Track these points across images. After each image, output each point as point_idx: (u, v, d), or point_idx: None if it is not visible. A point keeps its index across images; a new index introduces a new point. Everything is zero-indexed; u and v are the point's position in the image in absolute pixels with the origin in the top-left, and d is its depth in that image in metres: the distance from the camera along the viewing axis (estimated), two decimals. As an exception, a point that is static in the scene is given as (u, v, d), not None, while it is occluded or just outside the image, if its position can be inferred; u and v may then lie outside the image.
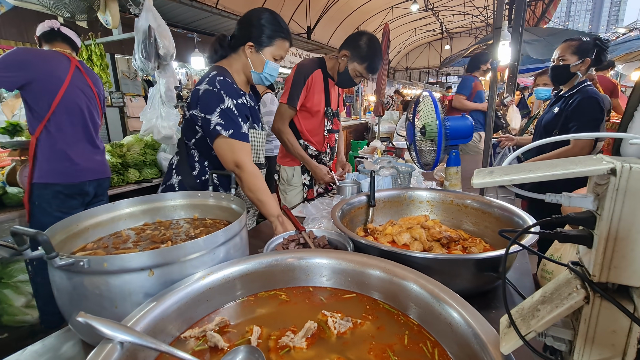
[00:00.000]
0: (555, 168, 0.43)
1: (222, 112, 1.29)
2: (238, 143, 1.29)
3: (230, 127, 1.29)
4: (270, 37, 1.36)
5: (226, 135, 1.28)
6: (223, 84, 1.31)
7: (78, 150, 2.03)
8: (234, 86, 1.36)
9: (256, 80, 1.44)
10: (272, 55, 1.39)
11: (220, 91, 1.30)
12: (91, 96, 2.13)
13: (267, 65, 1.39)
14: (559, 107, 2.10)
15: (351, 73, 1.89)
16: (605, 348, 0.43)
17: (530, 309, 0.51)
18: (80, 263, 0.68)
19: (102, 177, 2.16)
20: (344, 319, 0.70)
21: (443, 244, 1.19)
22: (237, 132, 1.30)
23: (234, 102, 1.32)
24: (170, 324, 0.67)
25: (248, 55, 1.38)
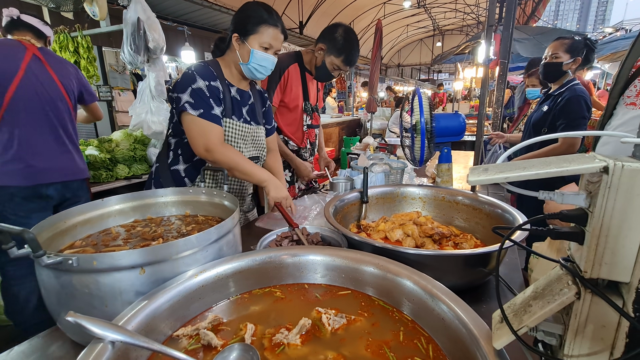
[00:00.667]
0: (549, 166, 0.43)
1: (192, 91, 1.27)
2: (208, 124, 1.26)
3: (200, 107, 1.26)
4: (254, 25, 1.32)
5: (195, 114, 1.25)
6: (198, 66, 1.32)
7: (36, 150, 1.81)
8: (210, 71, 1.33)
9: (247, 73, 1.40)
10: (258, 44, 1.33)
11: (194, 72, 1.29)
12: (55, 88, 1.89)
13: (254, 55, 1.33)
14: (547, 106, 2.14)
15: (329, 67, 1.87)
16: (594, 342, 0.44)
17: (522, 305, 0.51)
18: (68, 261, 0.66)
19: (69, 179, 1.92)
20: (338, 316, 0.70)
21: (435, 240, 1.20)
22: (207, 113, 1.27)
23: (206, 83, 1.29)
24: (163, 322, 0.66)
25: (236, 47, 1.36)
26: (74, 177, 1.96)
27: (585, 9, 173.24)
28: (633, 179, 0.37)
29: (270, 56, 1.36)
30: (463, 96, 11.41)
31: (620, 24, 30.85)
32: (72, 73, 2.02)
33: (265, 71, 1.40)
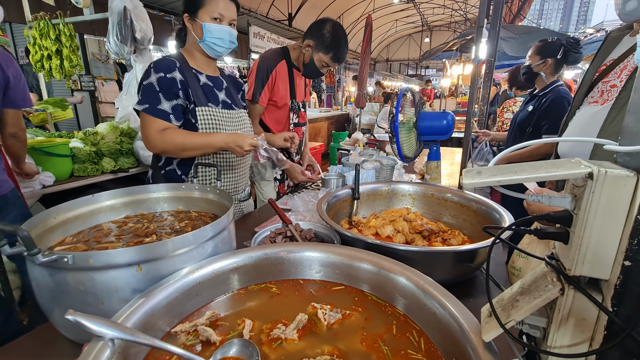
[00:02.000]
0: (538, 170, 0.46)
1: (143, 88, 1.27)
2: (149, 118, 1.25)
3: (146, 102, 1.25)
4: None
5: (140, 109, 1.25)
6: (157, 61, 1.29)
7: None
8: (171, 63, 1.30)
9: (208, 50, 1.36)
10: (209, 16, 1.29)
11: (151, 69, 1.27)
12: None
13: (207, 29, 1.29)
14: (532, 106, 2.21)
15: (317, 64, 1.85)
16: (575, 334, 0.47)
17: (509, 300, 0.54)
18: (64, 259, 0.65)
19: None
20: (333, 311, 0.73)
21: (424, 236, 1.24)
22: (152, 108, 1.25)
23: (160, 75, 1.26)
24: (161, 319, 0.67)
25: (190, 28, 1.33)
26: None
27: (568, 9, 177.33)
28: (615, 184, 0.40)
29: (225, 27, 1.32)
30: (450, 93, 11.58)
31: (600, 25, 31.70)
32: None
33: (224, 44, 1.35)
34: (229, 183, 1.52)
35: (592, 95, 1.54)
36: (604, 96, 1.46)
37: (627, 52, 1.40)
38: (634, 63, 1.37)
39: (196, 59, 1.40)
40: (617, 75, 1.43)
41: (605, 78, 1.49)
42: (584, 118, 1.55)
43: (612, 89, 1.43)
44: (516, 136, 2.31)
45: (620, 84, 1.40)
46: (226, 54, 1.44)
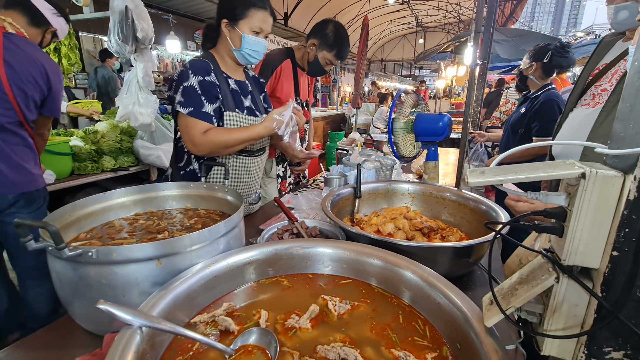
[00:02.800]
0: (537, 171, 0.51)
1: (183, 90, 1.27)
2: (192, 120, 1.27)
3: (190, 105, 1.26)
4: (243, 8, 1.29)
5: (184, 112, 1.26)
6: (193, 62, 1.30)
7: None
8: (207, 64, 1.32)
9: (240, 59, 1.39)
10: (249, 28, 1.31)
11: (188, 70, 1.28)
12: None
13: (245, 40, 1.31)
14: (525, 108, 2.28)
15: (321, 61, 1.94)
16: (569, 318, 0.53)
17: (509, 289, 0.59)
18: (88, 254, 0.69)
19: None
20: (342, 302, 0.77)
21: (424, 233, 1.29)
22: (197, 111, 1.27)
23: (199, 78, 1.28)
24: (181, 311, 0.71)
25: (227, 34, 1.34)
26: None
27: (559, 12, 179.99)
28: (604, 184, 0.45)
29: (262, 40, 1.36)
30: (444, 94, 11.72)
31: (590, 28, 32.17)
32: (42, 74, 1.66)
33: (258, 56, 1.39)
34: (244, 186, 1.54)
35: (585, 98, 1.60)
36: (595, 99, 1.53)
37: (618, 56, 1.47)
38: (624, 68, 1.43)
39: (226, 63, 1.42)
40: (608, 79, 1.49)
41: (598, 82, 1.55)
42: (576, 120, 1.61)
43: (603, 92, 1.49)
44: (509, 137, 2.38)
45: (610, 88, 1.46)
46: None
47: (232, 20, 1.31)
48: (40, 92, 1.68)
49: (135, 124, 2.43)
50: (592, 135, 1.44)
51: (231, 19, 1.31)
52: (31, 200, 1.75)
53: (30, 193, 1.74)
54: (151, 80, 2.43)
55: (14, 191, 1.68)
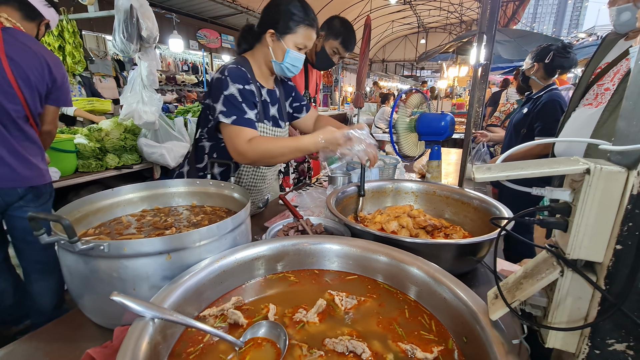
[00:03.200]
0: (542, 167, 0.52)
1: (224, 99, 1.24)
2: (237, 129, 1.23)
3: (233, 114, 1.23)
4: (293, 24, 1.27)
5: (228, 122, 1.23)
6: (231, 70, 1.27)
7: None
8: (244, 73, 1.30)
9: (278, 71, 1.37)
10: (294, 44, 1.29)
11: (227, 78, 1.25)
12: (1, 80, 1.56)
13: (289, 55, 1.30)
14: (527, 108, 2.29)
15: (328, 51, 1.98)
16: (573, 311, 0.54)
17: (514, 283, 0.61)
18: (100, 247, 0.70)
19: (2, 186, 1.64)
20: (349, 297, 0.78)
21: (428, 231, 1.30)
22: (240, 118, 1.24)
23: (239, 87, 1.26)
24: (190, 304, 0.72)
25: (269, 43, 1.31)
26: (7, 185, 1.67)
27: (561, 14, 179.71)
28: (608, 179, 0.47)
29: (302, 56, 1.34)
30: (445, 94, 11.73)
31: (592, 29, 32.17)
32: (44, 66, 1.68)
33: (295, 70, 1.37)
34: (257, 193, 1.54)
35: (587, 98, 1.61)
36: (598, 99, 1.54)
37: (620, 55, 1.48)
38: (626, 67, 1.44)
39: (261, 71, 1.40)
40: (611, 78, 1.50)
41: (600, 81, 1.56)
42: (579, 119, 1.62)
43: (606, 92, 1.50)
44: (512, 137, 2.39)
45: (612, 87, 1.47)
46: None
47: (279, 32, 1.28)
48: (44, 83, 1.70)
49: (139, 122, 2.45)
50: (595, 134, 1.45)
51: (279, 31, 1.28)
52: (39, 195, 1.78)
53: (39, 187, 1.76)
54: (155, 78, 2.45)
55: (23, 185, 1.70)
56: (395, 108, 1.82)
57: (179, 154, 2.86)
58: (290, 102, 1.61)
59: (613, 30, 1.66)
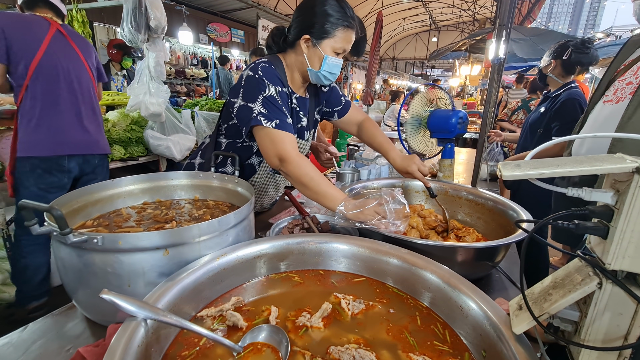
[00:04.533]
0: (582, 164, 0.46)
1: (264, 101, 1.12)
2: (282, 134, 1.10)
3: (275, 118, 1.11)
4: (331, 27, 1.13)
5: (270, 126, 1.10)
6: (265, 70, 1.16)
7: (58, 122, 1.89)
8: (278, 75, 1.19)
9: (314, 79, 1.23)
10: (332, 49, 1.15)
11: (262, 77, 1.14)
12: (79, 63, 1.97)
13: (326, 62, 1.16)
14: (545, 107, 2.20)
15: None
16: (610, 329, 0.48)
17: (541, 293, 0.55)
18: (94, 240, 0.66)
19: (87, 152, 1.97)
20: (356, 301, 0.73)
21: (438, 232, 1.24)
22: (283, 123, 1.12)
23: (278, 89, 1.15)
24: (187, 304, 0.68)
25: (304, 50, 1.18)
26: (92, 152, 2.00)
27: (577, 13, 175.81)
28: (663, 179, 0.40)
29: (340, 61, 1.20)
30: (457, 93, 11.54)
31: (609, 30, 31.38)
32: (92, 51, 2.13)
33: (333, 78, 1.23)
34: (267, 198, 1.49)
35: (607, 94, 1.53)
36: (618, 94, 1.46)
37: None
38: None
39: (294, 78, 1.27)
40: (634, 72, 1.42)
41: (622, 76, 1.48)
42: (600, 117, 1.54)
43: (627, 86, 1.42)
44: (527, 137, 2.30)
45: (636, 80, 1.39)
46: None
47: (315, 37, 1.15)
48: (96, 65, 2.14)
49: (146, 114, 2.42)
50: (621, 130, 1.37)
51: (314, 36, 1.15)
52: (105, 164, 2.10)
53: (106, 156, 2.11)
54: (163, 70, 2.41)
55: (99, 151, 2.04)
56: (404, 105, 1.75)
57: (185, 147, 2.83)
58: (320, 110, 1.47)
59: (638, 32, 1.57)
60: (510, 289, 1.01)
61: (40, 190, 1.83)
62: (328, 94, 1.46)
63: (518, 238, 0.90)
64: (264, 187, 1.43)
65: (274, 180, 1.44)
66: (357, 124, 1.53)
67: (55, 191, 1.89)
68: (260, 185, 1.42)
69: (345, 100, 1.50)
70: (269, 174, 1.40)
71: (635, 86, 1.37)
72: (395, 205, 0.99)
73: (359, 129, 1.52)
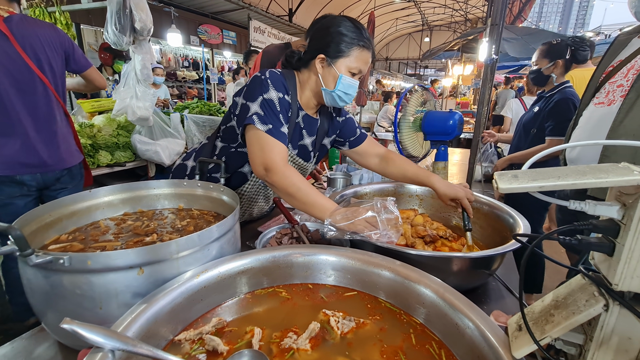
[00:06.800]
0: (585, 176, 0.42)
1: (263, 102, 1.07)
2: (272, 141, 1.05)
3: (269, 122, 1.06)
4: (346, 46, 1.10)
5: (262, 129, 1.05)
6: (272, 74, 1.13)
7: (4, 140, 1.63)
8: (285, 83, 1.15)
9: (329, 100, 1.18)
10: (347, 69, 1.12)
11: (267, 80, 1.10)
12: (23, 70, 1.62)
13: (341, 81, 1.12)
14: (538, 107, 2.18)
15: None
16: (618, 353, 0.44)
17: (542, 313, 0.51)
18: (59, 261, 0.61)
19: (41, 171, 1.73)
20: (346, 319, 0.69)
21: (426, 242, 1.19)
22: (276, 130, 1.07)
23: (279, 95, 1.11)
24: (164, 326, 0.63)
25: (319, 70, 1.14)
26: (48, 170, 1.76)
27: (566, 12, 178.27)
28: (676, 194, 0.37)
29: (356, 82, 1.16)
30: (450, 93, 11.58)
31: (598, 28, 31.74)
32: (50, 40, 1.73)
33: (348, 100, 1.18)
34: (257, 208, 1.43)
35: (598, 97, 1.52)
36: (609, 96, 1.45)
37: (635, 52, 1.39)
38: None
39: (304, 95, 1.22)
40: (624, 75, 1.41)
41: (612, 79, 1.48)
42: (591, 120, 1.53)
43: (618, 88, 1.42)
44: (521, 137, 2.28)
45: (627, 83, 1.38)
46: None
47: (330, 56, 1.12)
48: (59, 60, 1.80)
49: (133, 118, 2.36)
50: (613, 134, 1.36)
51: (329, 56, 1.12)
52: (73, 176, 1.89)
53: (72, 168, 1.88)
54: (149, 72, 2.35)
55: (61, 167, 1.81)
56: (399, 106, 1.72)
57: (175, 151, 2.77)
58: (332, 139, 1.41)
59: (624, 31, 1.56)
60: (508, 298, 0.98)
61: (2, 200, 1.67)
62: (342, 124, 1.39)
63: (515, 247, 0.87)
64: (253, 198, 1.37)
65: (265, 191, 1.38)
66: (378, 156, 1.41)
67: (21, 198, 1.73)
68: (250, 195, 1.36)
69: (361, 132, 1.43)
70: (261, 185, 1.34)
71: (627, 89, 1.36)
72: (387, 215, 0.95)
73: (383, 160, 1.39)
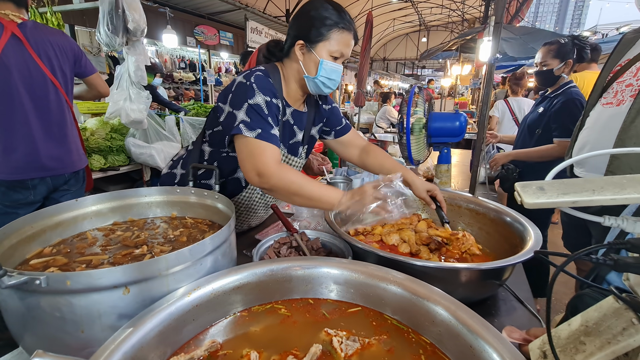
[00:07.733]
0: (625, 190, 0.37)
1: (249, 109, 1.03)
2: (262, 145, 1.01)
3: (258, 127, 1.02)
4: (325, 29, 1.07)
5: (251, 135, 1.01)
6: (258, 78, 1.08)
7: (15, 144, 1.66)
8: (272, 86, 1.11)
9: (313, 88, 1.15)
10: (328, 52, 1.09)
11: (253, 85, 1.06)
12: (38, 74, 1.68)
13: (322, 66, 1.09)
14: (543, 107, 2.14)
15: None
16: (662, 389, 0.39)
17: (570, 340, 0.46)
18: (35, 282, 0.55)
19: (51, 174, 1.77)
20: (350, 339, 0.64)
21: (431, 249, 1.14)
22: (266, 133, 1.02)
23: (267, 98, 1.06)
24: (151, 352, 0.57)
25: (299, 57, 1.12)
26: (59, 172, 1.81)
27: (562, 12, 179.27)
28: None
29: (339, 66, 1.13)
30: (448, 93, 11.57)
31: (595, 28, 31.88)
32: (61, 45, 1.78)
33: (333, 85, 1.16)
34: (255, 218, 1.38)
35: (606, 97, 1.49)
36: (618, 96, 1.42)
37: None
38: None
39: (290, 89, 1.20)
40: (633, 74, 1.38)
41: (620, 78, 1.44)
42: (600, 121, 1.49)
43: (627, 88, 1.39)
44: (525, 138, 2.24)
45: (637, 82, 1.35)
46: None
47: (309, 42, 1.09)
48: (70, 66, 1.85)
49: (127, 121, 2.30)
50: (624, 135, 1.32)
51: (308, 40, 1.09)
52: (78, 179, 1.93)
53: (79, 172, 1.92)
54: (144, 74, 2.29)
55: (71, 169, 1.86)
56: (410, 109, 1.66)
57: (170, 154, 2.70)
58: (319, 128, 1.38)
59: (632, 29, 1.53)
60: (520, 310, 0.93)
61: (6, 207, 1.67)
62: (329, 112, 1.37)
63: (526, 257, 0.82)
64: (252, 207, 1.31)
65: (264, 200, 1.32)
66: (359, 147, 1.42)
67: (25, 207, 1.73)
68: (249, 204, 1.29)
69: (346, 122, 1.42)
70: (260, 193, 1.28)
71: (637, 88, 1.33)
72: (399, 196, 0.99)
73: (363, 152, 1.41)
